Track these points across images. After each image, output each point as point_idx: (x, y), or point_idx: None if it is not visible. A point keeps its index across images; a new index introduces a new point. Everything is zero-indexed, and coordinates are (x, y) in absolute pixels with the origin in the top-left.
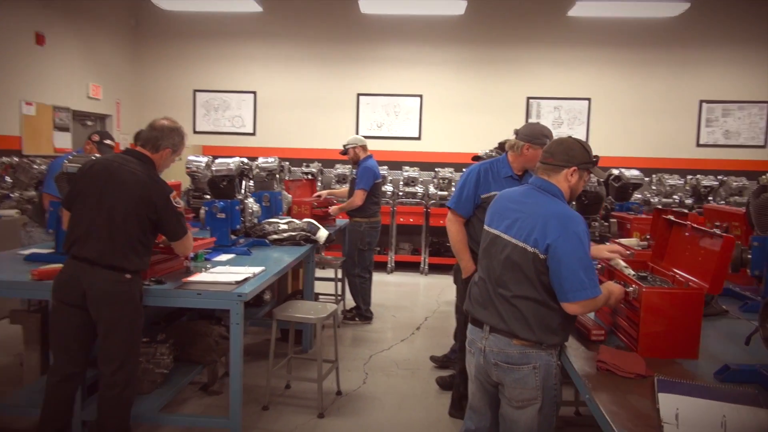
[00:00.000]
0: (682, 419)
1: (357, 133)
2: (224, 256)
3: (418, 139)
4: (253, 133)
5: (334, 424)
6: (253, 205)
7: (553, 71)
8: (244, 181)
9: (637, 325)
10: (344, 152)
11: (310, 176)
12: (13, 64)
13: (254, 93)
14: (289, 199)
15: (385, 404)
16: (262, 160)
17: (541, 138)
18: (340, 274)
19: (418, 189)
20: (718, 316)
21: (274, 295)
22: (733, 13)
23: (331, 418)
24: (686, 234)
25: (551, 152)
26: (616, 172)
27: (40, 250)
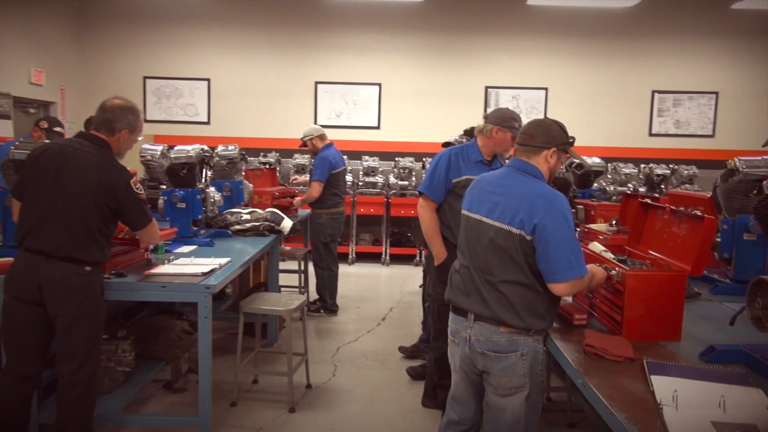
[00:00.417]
0: (680, 401)
1: (315, 123)
2: (186, 248)
3: (378, 128)
4: (208, 122)
5: (307, 419)
6: (215, 195)
7: (512, 60)
8: (204, 170)
9: (620, 308)
10: (303, 144)
11: (268, 166)
12: None
13: (208, 80)
14: (251, 189)
15: (357, 396)
16: (221, 148)
17: (510, 121)
18: (303, 266)
19: (378, 179)
20: (691, 299)
21: (235, 289)
22: (684, 6)
23: (303, 412)
24: (665, 217)
25: (530, 134)
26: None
27: None
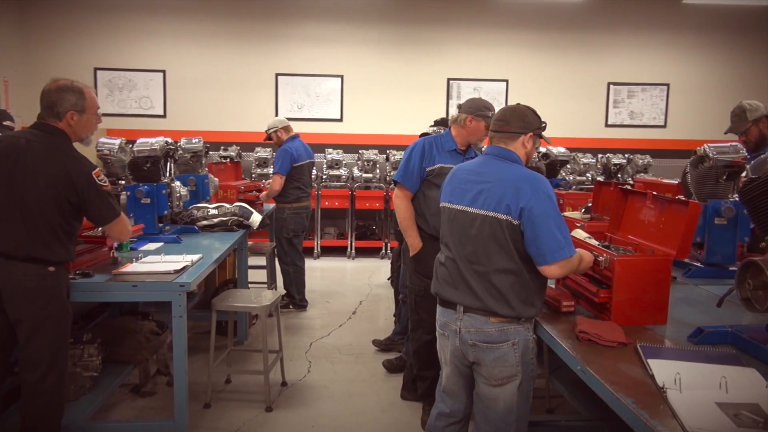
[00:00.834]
0: (683, 384)
1: (276, 115)
2: (152, 245)
3: (340, 120)
4: (164, 115)
5: (285, 417)
6: (181, 189)
7: (473, 52)
8: (169, 163)
9: (607, 294)
10: (268, 137)
11: (228, 160)
12: None
13: (163, 72)
14: (216, 183)
15: (334, 392)
16: (185, 141)
17: (484, 110)
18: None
19: (343, 172)
20: None
21: (200, 286)
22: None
23: (280, 410)
24: (647, 203)
25: (506, 120)
26: (543, 150)
27: None
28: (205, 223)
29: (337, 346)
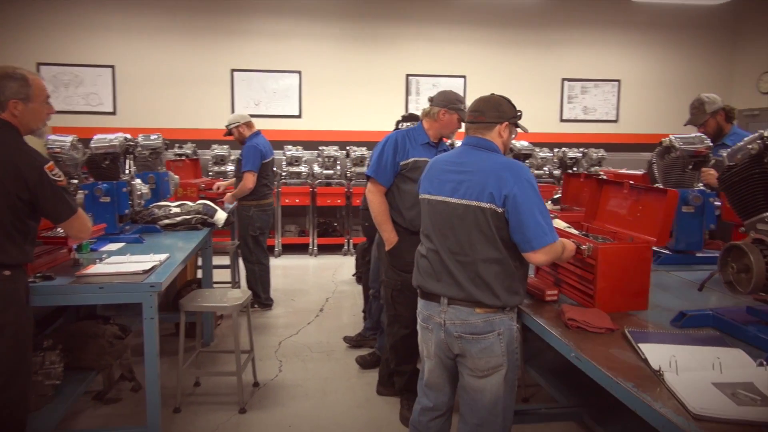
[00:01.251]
0: (679, 366)
1: (233, 112)
2: (113, 246)
3: (299, 117)
4: (113, 113)
5: (260, 418)
6: (142, 187)
7: (431, 49)
8: (128, 160)
9: (591, 281)
10: (228, 133)
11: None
12: None
13: (112, 67)
14: (177, 180)
15: (308, 390)
16: (143, 137)
17: (456, 103)
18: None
19: (303, 168)
20: None
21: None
22: None
23: (255, 411)
24: (623, 192)
25: (481, 110)
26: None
27: None
28: (167, 222)
29: (308, 344)
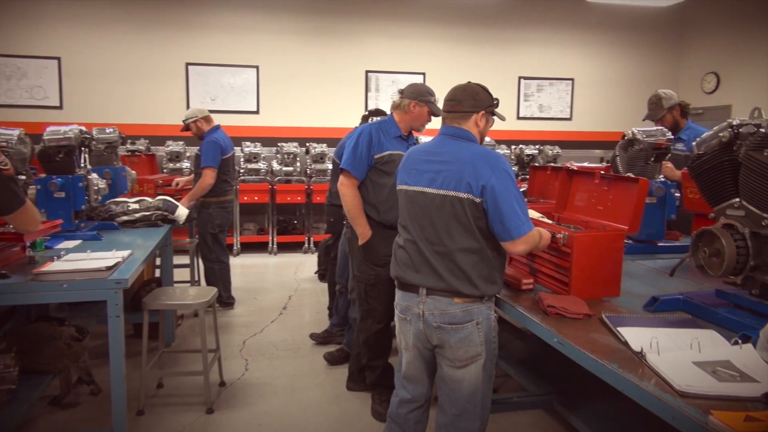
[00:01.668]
0: (660, 347)
1: (188, 107)
2: (69, 243)
3: (257, 113)
4: (60, 107)
5: (228, 418)
6: (99, 182)
7: (391, 45)
8: (83, 154)
9: (566, 269)
10: (186, 128)
11: (137, 154)
12: None
13: (58, 59)
14: (134, 176)
15: (276, 388)
16: (98, 131)
17: (427, 95)
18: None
19: (261, 165)
20: None
21: None
22: None
23: (222, 411)
24: (595, 182)
25: (457, 99)
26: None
27: None
28: (125, 218)
29: (273, 342)
